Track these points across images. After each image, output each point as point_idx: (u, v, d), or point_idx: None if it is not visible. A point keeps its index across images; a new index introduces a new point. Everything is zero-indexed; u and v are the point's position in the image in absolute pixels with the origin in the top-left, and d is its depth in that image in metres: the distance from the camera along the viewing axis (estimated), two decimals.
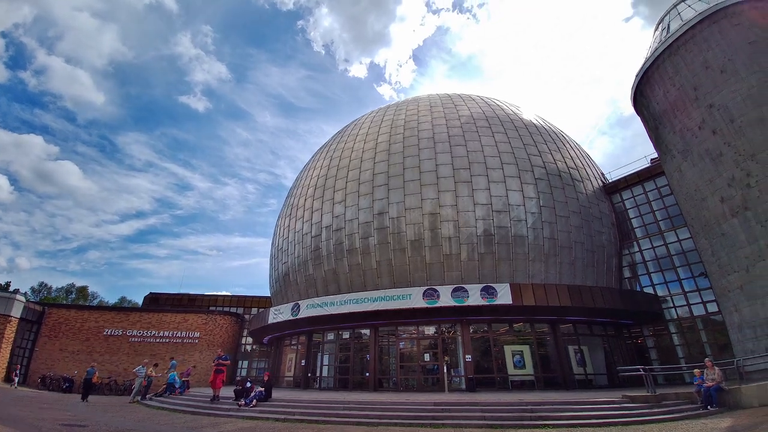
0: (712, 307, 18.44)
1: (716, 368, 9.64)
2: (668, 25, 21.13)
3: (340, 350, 20.62)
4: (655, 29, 22.83)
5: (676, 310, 19.75)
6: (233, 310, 33.19)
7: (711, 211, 16.62)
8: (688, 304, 19.41)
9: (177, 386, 17.23)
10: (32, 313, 25.50)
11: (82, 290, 71.98)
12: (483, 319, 17.66)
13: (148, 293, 34.05)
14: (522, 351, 17.02)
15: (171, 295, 34.10)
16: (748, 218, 14.22)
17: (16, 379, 20.14)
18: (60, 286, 71.17)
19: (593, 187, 23.31)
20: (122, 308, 33.30)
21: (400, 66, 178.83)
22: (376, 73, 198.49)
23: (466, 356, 16.43)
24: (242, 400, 12.66)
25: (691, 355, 18.56)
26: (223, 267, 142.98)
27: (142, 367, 17.84)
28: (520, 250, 18.85)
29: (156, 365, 19.00)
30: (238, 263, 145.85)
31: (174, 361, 17.89)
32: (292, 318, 20.09)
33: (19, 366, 20.60)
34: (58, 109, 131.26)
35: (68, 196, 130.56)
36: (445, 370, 15.91)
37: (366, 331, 19.30)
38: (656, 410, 9.88)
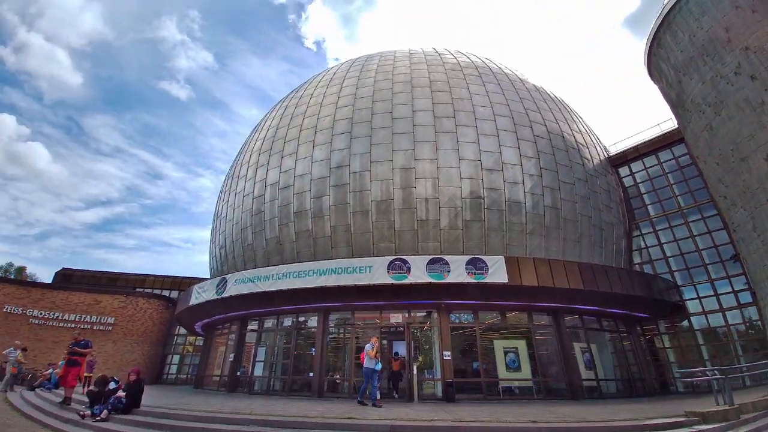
0: (745, 298, 14.95)
1: None
2: None
3: (282, 342, 15.95)
4: None
5: (700, 301, 16.18)
6: (166, 293, 27.57)
7: (753, 174, 13.27)
8: (716, 294, 15.87)
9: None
10: None
11: (21, 271, 63.65)
12: (467, 305, 13.33)
13: (60, 268, 28.04)
14: (517, 348, 12.82)
15: (87, 272, 28.08)
16: None
17: None
18: None
19: (599, 155, 19.56)
20: (25, 282, 27.32)
21: None
22: None
23: (444, 353, 12.06)
24: (95, 408, 7.94)
25: (719, 356, 15.05)
26: (194, 260, 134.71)
27: (13, 349, 13.20)
28: (516, 220, 14.72)
29: (24, 350, 13.97)
30: None
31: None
32: (217, 297, 15.19)
33: None
34: (31, 89, 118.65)
35: (34, 179, 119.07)
36: (414, 372, 11.49)
37: (313, 318, 14.65)
38: None
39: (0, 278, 28.77)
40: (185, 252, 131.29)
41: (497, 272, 11.97)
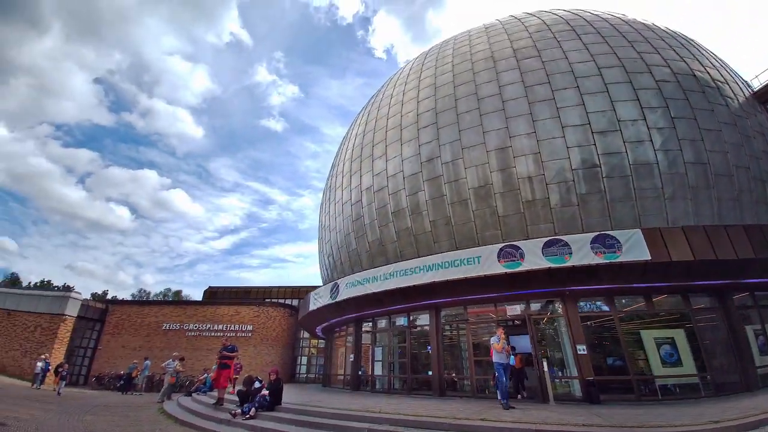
0: None
1: None
2: None
3: (396, 341, 16.15)
4: None
5: None
6: (288, 301, 30.73)
7: None
8: None
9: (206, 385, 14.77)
10: (93, 311, 25.50)
11: (177, 294, 77.98)
12: (598, 290, 11.60)
13: (207, 287, 33.66)
14: (673, 338, 10.59)
15: (228, 288, 33.26)
16: None
17: (62, 383, 16.21)
18: (158, 291, 78.36)
19: (742, 92, 15.47)
20: (180, 302, 33.07)
21: None
22: None
23: (578, 347, 10.64)
24: (244, 406, 8.98)
25: None
26: (306, 272, 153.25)
27: (172, 360, 15.50)
28: (647, 185, 12.36)
29: (182, 359, 16.51)
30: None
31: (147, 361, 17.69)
32: (331, 302, 16.14)
33: (66, 365, 17.67)
34: (165, 146, 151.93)
35: (180, 219, 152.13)
36: (545, 368, 10.39)
37: (424, 315, 14.47)
38: None
39: (158, 301, 35.55)
40: (298, 265, 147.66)
41: (634, 248, 10.12)
